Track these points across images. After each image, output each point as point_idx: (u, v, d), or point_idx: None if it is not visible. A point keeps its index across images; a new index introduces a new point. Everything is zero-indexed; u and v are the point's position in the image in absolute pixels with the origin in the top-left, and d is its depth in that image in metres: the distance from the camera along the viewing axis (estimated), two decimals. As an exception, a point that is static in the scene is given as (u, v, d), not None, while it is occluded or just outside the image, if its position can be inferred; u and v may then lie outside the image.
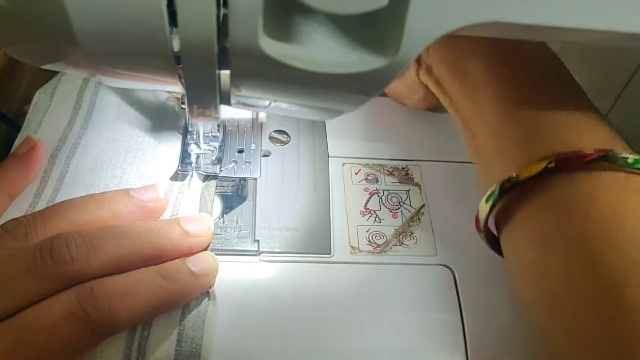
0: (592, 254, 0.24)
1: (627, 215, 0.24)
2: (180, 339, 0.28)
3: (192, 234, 0.29)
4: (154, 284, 0.27)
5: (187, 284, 0.28)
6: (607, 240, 0.23)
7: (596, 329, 0.23)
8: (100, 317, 0.25)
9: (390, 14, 0.16)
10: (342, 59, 0.17)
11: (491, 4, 0.16)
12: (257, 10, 0.15)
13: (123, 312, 0.26)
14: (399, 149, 0.40)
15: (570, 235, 0.25)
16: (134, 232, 0.28)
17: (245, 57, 0.17)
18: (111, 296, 0.25)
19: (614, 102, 0.37)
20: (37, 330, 0.24)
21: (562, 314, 0.25)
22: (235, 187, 0.36)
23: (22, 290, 0.25)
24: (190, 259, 0.29)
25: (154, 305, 0.27)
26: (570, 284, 0.24)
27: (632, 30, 0.18)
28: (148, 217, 0.31)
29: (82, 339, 0.25)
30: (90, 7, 0.15)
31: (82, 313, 0.25)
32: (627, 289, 0.22)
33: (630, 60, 0.35)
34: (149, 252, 0.28)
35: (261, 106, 0.22)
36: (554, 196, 0.26)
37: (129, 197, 0.31)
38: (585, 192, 0.25)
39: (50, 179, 0.33)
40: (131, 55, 0.18)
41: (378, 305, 0.31)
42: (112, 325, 0.26)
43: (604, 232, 0.24)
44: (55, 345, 0.24)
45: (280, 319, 0.30)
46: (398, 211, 0.36)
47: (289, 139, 0.39)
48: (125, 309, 0.26)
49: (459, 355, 0.30)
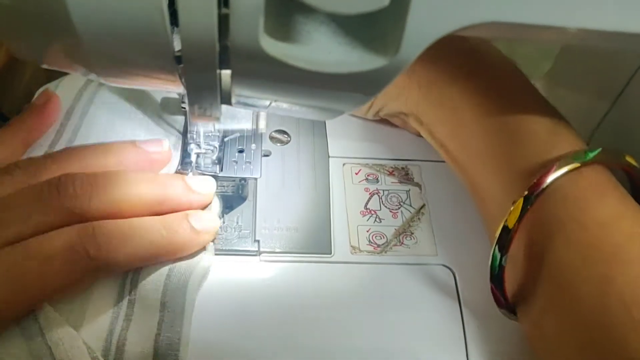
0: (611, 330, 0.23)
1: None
2: (171, 273, 0.29)
3: (195, 191, 0.31)
4: (155, 232, 0.28)
5: (186, 238, 0.29)
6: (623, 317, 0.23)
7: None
8: (98, 255, 0.26)
9: (391, 14, 0.16)
10: (343, 59, 0.17)
11: (492, 4, 0.16)
12: (258, 10, 0.15)
13: (120, 254, 0.27)
14: (399, 149, 0.40)
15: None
16: (137, 178, 0.29)
17: (246, 57, 0.17)
18: (111, 237, 0.27)
19: (614, 102, 0.37)
20: (37, 258, 0.25)
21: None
22: (236, 187, 0.36)
23: (29, 218, 0.27)
24: (193, 215, 0.30)
25: (151, 253, 0.28)
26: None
27: (632, 30, 0.18)
28: (152, 168, 0.33)
29: (77, 274, 0.26)
30: (92, 5, 0.15)
31: (81, 249, 0.26)
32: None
33: (630, 60, 0.35)
34: (151, 199, 0.29)
35: (262, 106, 0.22)
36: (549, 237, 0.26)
37: (136, 147, 0.33)
38: (574, 214, 0.25)
39: (65, 132, 0.36)
40: (132, 55, 0.18)
41: (378, 305, 0.31)
42: (108, 265, 0.27)
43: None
44: (51, 274, 0.26)
45: (280, 319, 0.30)
46: (398, 211, 0.36)
47: (289, 138, 0.39)
48: (123, 251, 0.27)
49: (458, 355, 0.30)
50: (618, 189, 0.26)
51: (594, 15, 0.17)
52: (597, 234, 0.25)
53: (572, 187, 0.26)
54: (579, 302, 0.25)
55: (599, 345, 0.24)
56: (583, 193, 0.26)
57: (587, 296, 0.24)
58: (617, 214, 0.25)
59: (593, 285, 0.24)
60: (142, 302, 0.28)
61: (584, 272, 0.25)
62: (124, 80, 0.21)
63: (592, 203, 0.25)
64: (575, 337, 0.25)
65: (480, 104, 0.31)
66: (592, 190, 0.26)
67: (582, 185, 0.26)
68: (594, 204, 0.25)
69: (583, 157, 0.26)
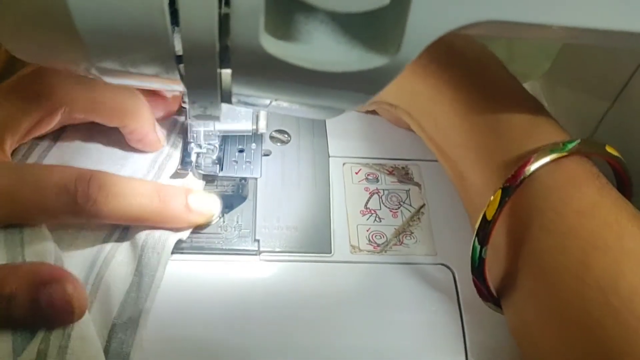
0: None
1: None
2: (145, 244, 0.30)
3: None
4: (147, 197, 0.29)
5: (176, 212, 0.30)
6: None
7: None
8: (85, 203, 0.27)
9: (391, 12, 0.16)
10: (343, 58, 0.17)
11: (493, 2, 0.16)
12: (259, 9, 0.15)
13: (106, 208, 0.28)
14: (399, 148, 0.40)
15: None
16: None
17: (247, 56, 0.17)
18: (103, 189, 0.28)
19: (613, 102, 0.37)
20: (31, 185, 0.27)
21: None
22: (236, 186, 0.36)
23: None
24: (193, 193, 0.31)
25: (136, 215, 0.29)
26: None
27: (632, 30, 0.18)
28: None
29: (62, 212, 0.27)
30: (92, 4, 0.15)
31: (72, 190, 0.27)
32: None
33: (630, 60, 0.35)
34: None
35: (262, 105, 0.22)
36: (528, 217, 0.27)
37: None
38: (552, 204, 0.26)
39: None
40: (132, 54, 0.18)
41: (378, 304, 0.31)
42: (91, 215, 0.28)
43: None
44: (41, 204, 0.27)
45: (280, 318, 0.30)
46: (398, 211, 0.36)
47: (289, 138, 0.39)
48: (110, 207, 0.28)
49: (458, 354, 0.30)
50: (597, 179, 0.26)
51: (594, 14, 0.17)
52: (574, 223, 0.25)
53: (550, 177, 0.26)
54: (558, 289, 0.25)
55: (578, 331, 0.24)
56: (562, 183, 0.26)
57: (565, 284, 0.25)
58: (594, 203, 0.25)
59: (571, 272, 0.24)
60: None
61: (562, 260, 0.25)
62: (124, 79, 0.21)
63: (570, 193, 0.26)
64: (555, 324, 0.25)
65: (457, 99, 0.31)
66: (571, 181, 0.26)
67: (560, 175, 0.26)
68: (572, 193, 0.26)
69: (561, 149, 0.26)
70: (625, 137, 0.36)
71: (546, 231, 0.26)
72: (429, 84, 0.32)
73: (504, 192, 0.26)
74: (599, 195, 0.26)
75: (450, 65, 0.32)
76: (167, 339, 0.29)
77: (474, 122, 0.30)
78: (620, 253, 0.24)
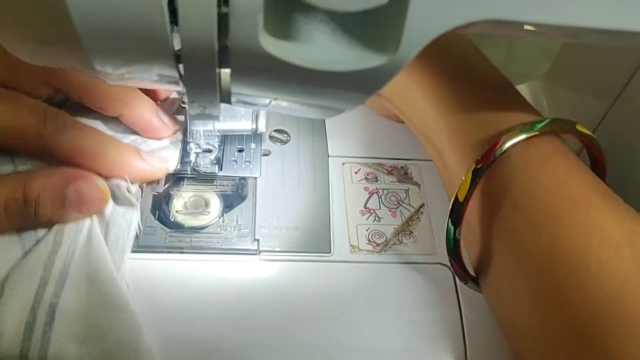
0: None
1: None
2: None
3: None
4: (107, 149, 0.31)
5: (129, 154, 0.32)
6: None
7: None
8: (48, 135, 0.29)
9: (390, 12, 0.16)
10: (342, 57, 0.17)
11: (492, 2, 0.16)
12: (258, 9, 0.15)
13: (68, 145, 0.30)
14: (398, 148, 0.40)
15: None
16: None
17: (246, 55, 0.17)
18: (69, 129, 0.30)
19: (614, 102, 0.37)
20: (9, 110, 0.29)
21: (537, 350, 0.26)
22: (235, 186, 0.36)
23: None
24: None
25: (90, 161, 0.30)
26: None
27: (632, 29, 0.18)
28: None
29: (26, 142, 0.29)
30: (91, 3, 0.15)
31: (41, 123, 0.29)
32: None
33: (630, 59, 0.35)
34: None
35: (261, 104, 0.22)
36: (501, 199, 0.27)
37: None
38: (524, 182, 0.26)
39: None
40: (131, 53, 0.18)
41: (377, 304, 0.31)
42: (52, 147, 0.30)
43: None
44: (9, 125, 0.29)
45: (280, 318, 0.30)
46: (397, 210, 0.36)
47: (288, 138, 0.39)
48: (71, 144, 0.30)
49: (457, 353, 0.30)
50: (567, 157, 0.26)
51: (594, 14, 0.17)
52: (543, 200, 0.25)
53: (521, 157, 0.26)
54: (529, 267, 0.25)
55: (549, 308, 0.24)
56: (531, 162, 0.26)
57: (536, 261, 0.25)
58: (562, 180, 0.25)
59: (541, 250, 0.25)
60: None
61: (533, 238, 0.25)
62: (123, 79, 0.21)
63: (539, 171, 0.26)
64: (527, 302, 0.26)
65: (433, 83, 0.31)
66: (540, 159, 0.26)
67: (530, 155, 0.26)
68: (541, 171, 0.26)
69: (531, 128, 0.26)
70: (625, 137, 0.36)
71: (517, 210, 0.26)
72: (406, 69, 0.32)
73: (475, 172, 0.27)
74: (567, 172, 0.26)
75: (426, 50, 0.32)
76: (167, 338, 0.29)
77: (450, 105, 0.30)
78: (588, 229, 0.24)
